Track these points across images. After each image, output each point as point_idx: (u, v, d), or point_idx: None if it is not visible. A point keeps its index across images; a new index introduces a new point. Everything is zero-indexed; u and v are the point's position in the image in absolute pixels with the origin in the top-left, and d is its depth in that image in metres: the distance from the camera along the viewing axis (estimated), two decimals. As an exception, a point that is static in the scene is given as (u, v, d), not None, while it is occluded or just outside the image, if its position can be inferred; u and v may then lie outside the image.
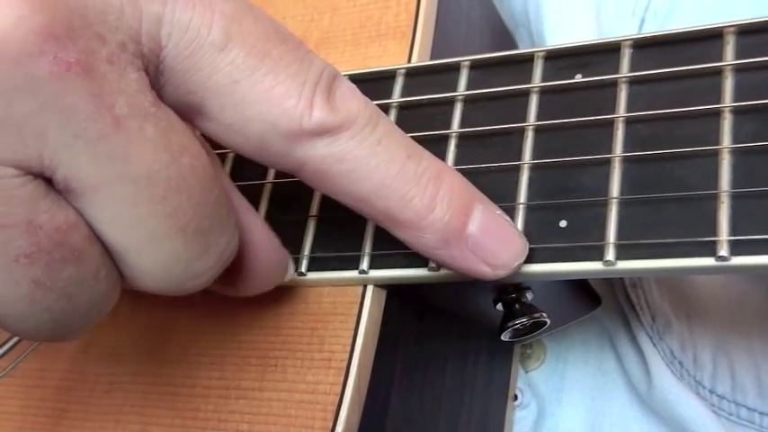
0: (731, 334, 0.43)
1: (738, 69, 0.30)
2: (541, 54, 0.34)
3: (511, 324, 0.38)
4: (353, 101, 0.28)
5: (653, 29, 0.48)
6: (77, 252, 0.25)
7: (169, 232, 0.26)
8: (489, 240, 0.30)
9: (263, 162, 0.29)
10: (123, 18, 0.25)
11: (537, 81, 0.34)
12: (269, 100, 0.27)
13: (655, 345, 0.44)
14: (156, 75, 0.27)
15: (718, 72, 0.30)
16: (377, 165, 0.28)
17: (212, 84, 0.27)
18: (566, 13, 0.50)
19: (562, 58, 0.34)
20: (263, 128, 0.27)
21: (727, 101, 0.29)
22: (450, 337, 0.41)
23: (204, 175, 0.27)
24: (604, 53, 0.33)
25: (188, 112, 0.28)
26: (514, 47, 0.53)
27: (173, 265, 0.27)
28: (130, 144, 0.25)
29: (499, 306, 0.39)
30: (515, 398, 0.48)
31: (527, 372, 0.49)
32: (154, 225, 0.26)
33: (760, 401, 0.42)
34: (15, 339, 0.42)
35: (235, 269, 0.31)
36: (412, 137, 0.35)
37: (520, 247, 0.31)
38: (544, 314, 0.38)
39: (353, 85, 0.29)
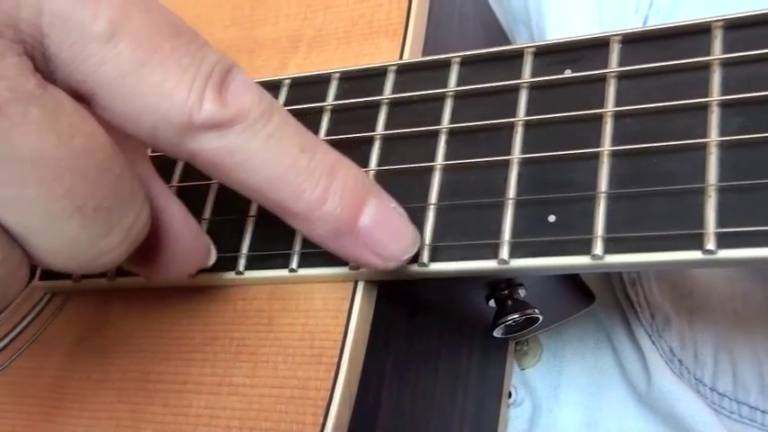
0: (734, 331, 0.43)
1: (726, 63, 0.30)
2: (531, 50, 0.34)
3: (503, 320, 0.38)
4: (246, 95, 0.28)
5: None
6: None
7: (64, 212, 0.26)
8: (380, 233, 0.31)
9: (157, 149, 0.30)
10: None
11: (526, 77, 0.34)
12: (158, 93, 0.27)
13: (654, 342, 0.44)
14: (44, 60, 0.27)
15: (706, 66, 0.30)
16: (268, 158, 0.29)
17: (101, 75, 0.27)
18: (567, 10, 0.50)
19: (551, 54, 0.34)
20: (153, 119, 0.28)
21: (715, 95, 0.29)
22: (442, 334, 0.41)
23: (100, 155, 0.27)
24: (593, 48, 0.33)
25: (83, 99, 0.28)
26: (508, 43, 0.53)
27: (75, 244, 0.27)
28: (13, 127, 0.25)
29: (492, 303, 0.39)
30: (510, 395, 0.48)
31: (523, 369, 0.49)
32: (47, 206, 0.26)
33: (762, 399, 0.42)
34: (8, 338, 0.42)
35: (151, 252, 0.32)
36: (403, 133, 0.35)
37: (410, 240, 0.32)
38: (536, 310, 0.38)
39: (249, 79, 0.29)
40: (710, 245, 0.27)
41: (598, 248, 0.29)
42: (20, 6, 0.26)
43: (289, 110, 0.38)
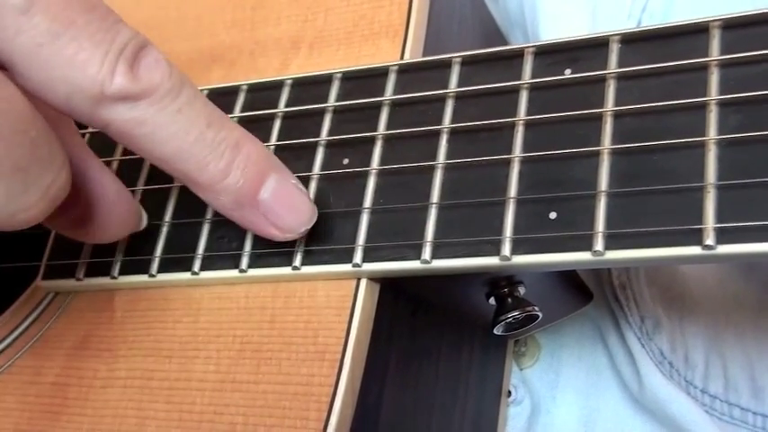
0: (725, 333, 0.44)
1: (724, 64, 0.30)
2: (531, 50, 0.34)
3: (503, 318, 0.38)
4: (157, 71, 0.30)
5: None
6: None
7: None
8: (279, 207, 0.33)
9: (73, 118, 0.31)
10: None
11: (527, 76, 0.34)
12: (72, 65, 0.29)
13: (643, 345, 0.45)
14: None
15: (704, 67, 0.31)
16: (175, 131, 0.31)
17: (18, 45, 0.28)
18: (561, 15, 0.51)
19: (551, 54, 0.34)
20: (68, 90, 0.29)
21: (713, 94, 0.30)
22: (443, 332, 0.41)
23: (16, 117, 0.28)
24: (593, 48, 0.33)
25: (2, 66, 0.29)
26: (506, 44, 0.53)
27: None
28: None
29: (492, 300, 0.39)
30: (509, 394, 0.48)
31: (521, 369, 0.50)
32: None
33: (754, 401, 0.42)
34: (12, 338, 0.42)
35: (85, 218, 0.34)
36: (405, 133, 0.35)
37: (306, 214, 0.34)
38: (536, 308, 0.38)
39: (161, 56, 0.31)
40: (710, 240, 0.28)
41: (599, 244, 0.30)
42: None
43: (291, 110, 0.38)
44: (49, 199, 0.30)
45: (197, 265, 0.38)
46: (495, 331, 0.38)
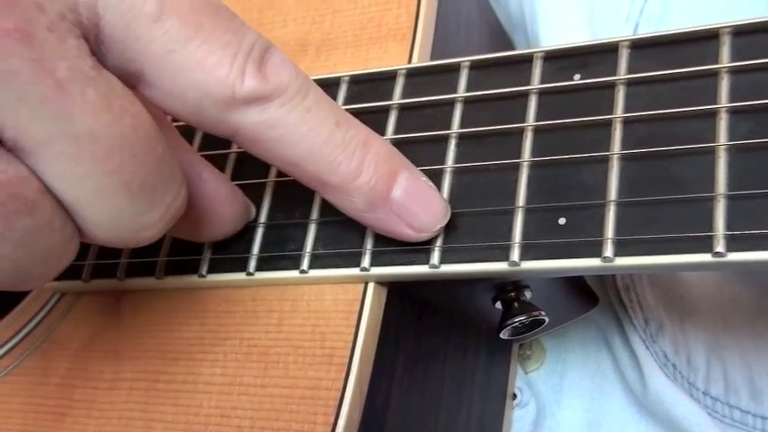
0: (724, 336, 0.44)
1: (734, 70, 0.30)
2: (540, 54, 0.34)
3: (510, 322, 0.38)
4: (284, 71, 0.30)
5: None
6: (30, 203, 0.27)
7: (113, 187, 0.28)
8: (412, 204, 0.32)
9: (201, 128, 0.31)
10: None
11: (536, 81, 0.34)
12: (203, 69, 0.29)
13: (648, 347, 0.45)
14: (96, 43, 0.28)
15: (715, 73, 0.30)
16: (306, 132, 0.30)
17: (150, 53, 0.28)
18: (559, 18, 0.51)
19: (561, 59, 0.34)
20: (198, 95, 0.29)
21: (723, 101, 0.30)
22: (449, 335, 0.41)
23: (146, 135, 0.28)
24: (602, 53, 0.33)
25: (131, 79, 0.29)
26: (512, 48, 0.53)
27: (120, 218, 0.29)
28: (73, 105, 0.26)
29: (498, 304, 0.39)
30: (514, 397, 0.48)
31: (527, 373, 0.50)
32: (98, 181, 0.27)
33: (753, 404, 0.43)
34: (18, 338, 0.42)
35: (196, 218, 0.34)
36: (413, 137, 0.35)
37: (441, 211, 0.33)
38: (542, 312, 0.38)
39: (285, 57, 0.31)
40: (720, 247, 0.28)
41: (608, 251, 0.29)
42: None
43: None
44: (169, 216, 0.30)
45: (204, 268, 0.38)
46: (501, 335, 0.38)
